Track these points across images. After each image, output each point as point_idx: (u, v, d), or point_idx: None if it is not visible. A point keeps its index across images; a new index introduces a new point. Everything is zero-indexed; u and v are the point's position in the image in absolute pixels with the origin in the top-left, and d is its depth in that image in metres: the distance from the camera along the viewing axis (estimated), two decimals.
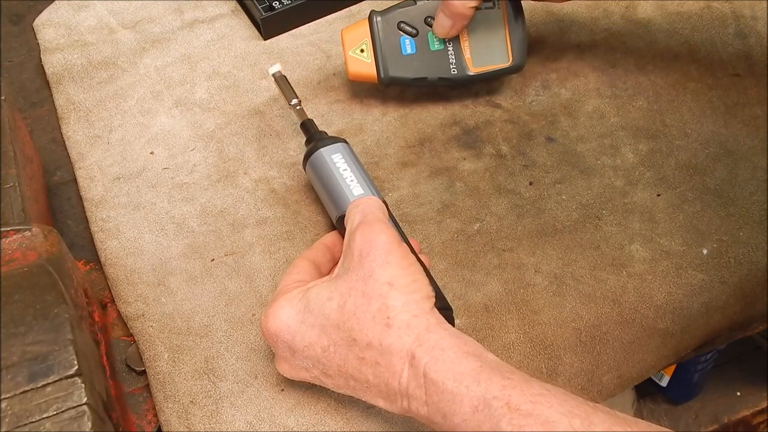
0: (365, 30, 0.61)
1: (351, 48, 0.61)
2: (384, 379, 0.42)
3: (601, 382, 0.51)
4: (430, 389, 0.40)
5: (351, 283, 0.44)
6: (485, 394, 0.38)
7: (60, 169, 0.63)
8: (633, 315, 0.52)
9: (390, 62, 0.60)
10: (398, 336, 0.42)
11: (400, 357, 0.41)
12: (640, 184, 0.59)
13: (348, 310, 0.43)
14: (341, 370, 0.44)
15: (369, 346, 0.42)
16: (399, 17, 0.60)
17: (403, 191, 0.59)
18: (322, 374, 0.45)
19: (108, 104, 0.65)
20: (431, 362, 0.40)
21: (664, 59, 0.67)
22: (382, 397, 0.43)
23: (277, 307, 0.45)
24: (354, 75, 0.61)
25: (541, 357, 0.51)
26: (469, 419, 0.38)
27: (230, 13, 0.72)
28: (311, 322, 0.44)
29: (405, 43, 0.60)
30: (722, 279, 0.54)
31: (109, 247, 0.57)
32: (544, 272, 0.54)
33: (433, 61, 0.61)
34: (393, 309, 0.42)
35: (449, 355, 0.41)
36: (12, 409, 0.39)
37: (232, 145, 0.62)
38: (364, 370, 0.43)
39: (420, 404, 0.41)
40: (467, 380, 0.39)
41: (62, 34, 0.71)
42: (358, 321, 0.43)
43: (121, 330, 0.53)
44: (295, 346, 0.45)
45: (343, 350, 0.43)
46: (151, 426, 0.49)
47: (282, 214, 0.58)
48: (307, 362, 0.45)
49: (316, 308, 0.44)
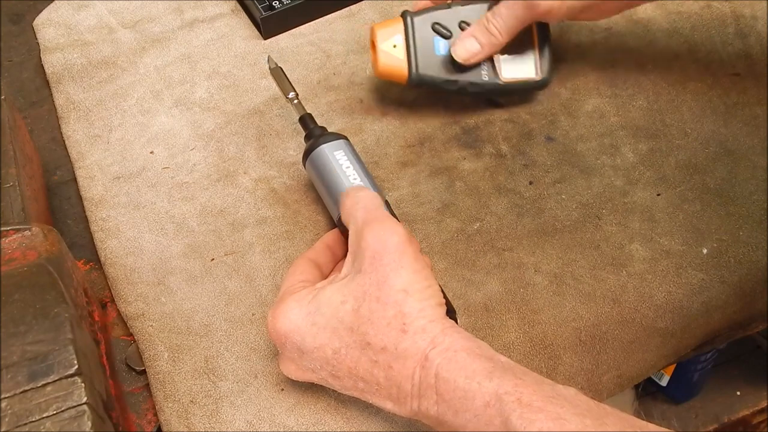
0: (399, 26, 0.59)
1: (382, 42, 0.59)
2: (396, 381, 0.42)
3: (601, 381, 0.51)
4: (442, 388, 0.40)
5: (365, 287, 0.44)
6: (497, 390, 0.38)
7: (60, 169, 0.63)
8: (633, 314, 0.52)
9: (422, 60, 0.59)
10: (413, 341, 0.42)
11: (414, 360, 0.42)
12: (640, 184, 0.59)
13: (362, 314, 0.43)
14: (351, 372, 0.44)
15: (384, 350, 0.42)
16: (433, 19, 0.60)
17: (403, 191, 0.59)
18: (331, 376, 0.45)
19: (108, 104, 0.65)
20: (444, 363, 0.41)
21: (664, 59, 0.67)
22: (392, 400, 0.43)
23: (286, 308, 0.45)
24: (383, 70, 0.59)
25: (540, 356, 0.51)
26: (481, 414, 0.39)
27: (230, 13, 0.72)
28: (323, 324, 0.44)
29: (439, 44, 0.59)
30: (722, 278, 0.54)
31: (109, 246, 0.57)
32: (544, 272, 0.54)
33: (465, 65, 0.59)
34: (409, 315, 0.42)
35: (462, 356, 0.41)
36: (12, 409, 0.39)
37: (232, 145, 0.62)
38: (376, 372, 0.43)
39: (431, 404, 0.41)
40: (479, 377, 0.39)
41: (62, 33, 0.71)
42: (373, 326, 0.43)
43: (120, 329, 0.53)
44: (305, 347, 0.44)
45: (355, 353, 0.43)
46: (150, 425, 0.49)
47: (282, 213, 0.58)
48: (316, 364, 0.45)
49: (328, 311, 0.44)
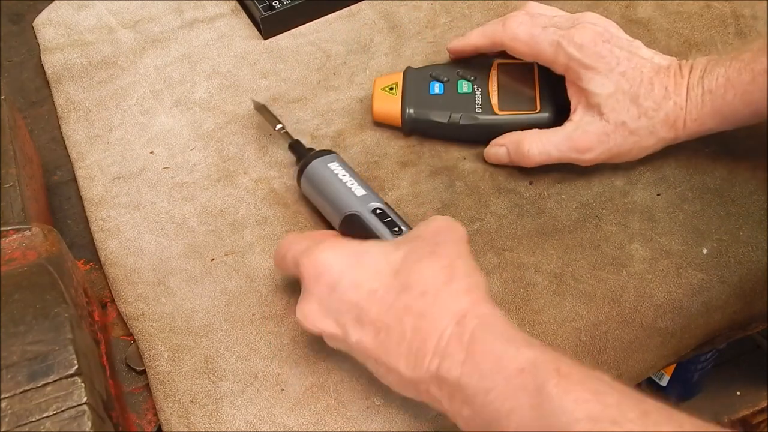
0: (398, 76, 0.62)
1: (380, 87, 0.61)
2: (423, 333, 0.41)
3: None
4: (475, 348, 0.39)
5: (421, 244, 0.44)
6: (536, 358, 0.38)
7: (60, 169, 0.63)
8: (633, 314, 0.52)
9: (416, 100, 0.60)
10: (456, 294, 0.42)
11: (450, 315, 0.41)
12: (640, 184, 0.59)
13: (412, 258, 0.43)
14: (379, 317, 0.42)
15: (422, 295, 0.42)
16: (431, 70, 0.61)
17: (403, 190, 0.59)
18: (353, 321, 0.43)
19: (108, 104, 0.65)
20: (481, 325, 0.40)
21: None
22: (406, 358, 0.41)
23: (332, 244, 0.45)
24: (378, 111, 0.61)
25: None
26: (513, 378, 0.37)
27: (230, 13, 0.72)
28: (368, 263, 0.44)
29: (434, 86, 0.60)
30: (722, 278, 0.54)
31: (109, 246, 0.57)
32: (544, 272, 0.54)
33: (459, 101, 0.60)
34: (458, 272, 0.43)
35: (501, 323, 0.41)
36: (12, 409, 0.39)
37: (232, 145, 0.62)
38: (406, 320, 0.42)
39: (454, 364, 0.40)
40: (518, 344, 0.39)
41: (62, 33, 0.71)
42: (421, 270, 0.43)
43: (120, 329, 0.53)
44: (341, 283, 0.44)
45: (391, 296, 0.42)
46: (150, 425, 0.49)
47: (282, 214, 0.58)
48: (343, 305, 0.44)
49: (378, 253, 0.44)
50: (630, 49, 0.54)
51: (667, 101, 0.53)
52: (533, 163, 0.57)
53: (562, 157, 0.56)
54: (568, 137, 0.55)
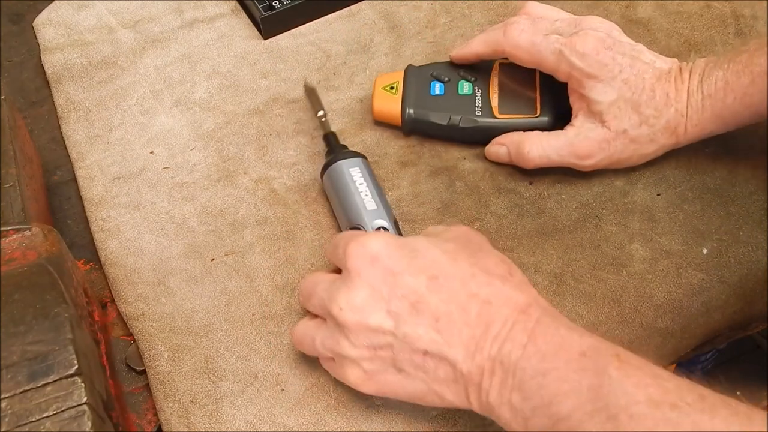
0: (399, 75, 0.62)
1: (380, 86, 0.61)
2: (487, 318, 0.41)
3: None
4: (538, 331, 0.40)
5: (461, 240, 0.45)
6: (599, 344, 0.39)
7: (60, 169, 0.63)
8: (633, 314, 0.52)
9: (416, 100, 0.60)
10: (518, 286, 0.43)
11: (514, 304, 0.41)
12: (640, 184, 0.59)
13: (468, 250, 0.44)
14: (441, 304, 0.41)
15: (489, 284, 0.42)
16: (432, 69, 0.62)
17: (403, 190, 0.59)
18: (409, 309, 0.42)
19: (108, 104, 0.65)
20: (544, 316, 0.41)
21: None
22: (466, 345, 0.40)
23: (376, 234, 0.44)
24: (378, 110, 0.61)
25: None
26: (574, 361, 0.38)
27: (230, 13, 0.72)
28: (422, 252, 0.43)
29: (434, 87, 0.61)
30: (722, 278, 0.54)
31: (109, 246, 0.57)
32: (544, 272, 0.54)
33: (459, 103, 0.60)
34: (513, 268, 0.44)
35: (561, 317, 0.42)
36: (12, 409, 0.39)
37: (232, 145, 0.62)
38: (471, 307, 0.41)
39: (515, 346, 0.40)
40: (581, 331, 0.40)
41: (62, 33, 0.71)
42: (484, 260, 0.44)
43: (121, 329, 0.53)
44: (397, 269, 0.42)
45: (454, 283, 0.42)
46: (151, 425, 0.49)
47: (282, 214, 0.58)
48: (399, 291, 0.42)
49: (428, 244, 0.44)
50: (632, 54, 0.54)
51: (669, 108, 0.53)
52: (533, 165, 0.57)
53: (562, 162, 0.56)
54: (569, 143, 0.55)
